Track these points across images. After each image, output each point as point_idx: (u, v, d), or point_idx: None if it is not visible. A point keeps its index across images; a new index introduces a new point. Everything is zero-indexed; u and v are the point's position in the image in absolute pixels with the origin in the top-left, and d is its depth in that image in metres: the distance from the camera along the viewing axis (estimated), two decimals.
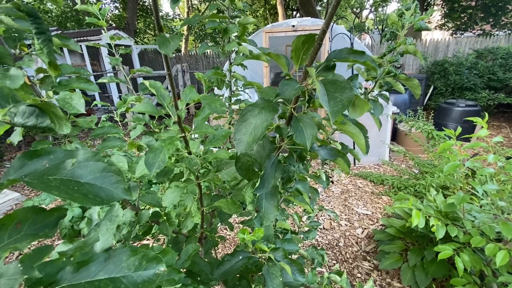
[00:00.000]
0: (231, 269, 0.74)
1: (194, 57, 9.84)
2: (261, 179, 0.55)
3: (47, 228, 0.35)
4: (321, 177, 0.99)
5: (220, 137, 0.75)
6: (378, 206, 2.94)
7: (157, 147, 0.53)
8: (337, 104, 0.32)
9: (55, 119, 0.35)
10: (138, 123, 1.15)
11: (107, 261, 0.36)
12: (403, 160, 4.04)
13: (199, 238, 1.04)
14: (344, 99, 0.32)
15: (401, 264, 1.97)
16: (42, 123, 0.34)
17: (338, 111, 0.32)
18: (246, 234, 0.69)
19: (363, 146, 0.50)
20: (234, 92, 1.13)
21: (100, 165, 0.33)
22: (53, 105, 0.34)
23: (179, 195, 0.76)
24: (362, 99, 0.43)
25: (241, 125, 0.45)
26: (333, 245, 2.39)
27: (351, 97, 0.33)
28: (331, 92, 0.34)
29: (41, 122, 0.34)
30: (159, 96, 0.61)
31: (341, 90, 0.34)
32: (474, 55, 5.93)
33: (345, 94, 0.33)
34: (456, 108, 4.53)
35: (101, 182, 0.33)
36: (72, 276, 0.35)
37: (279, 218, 0.81)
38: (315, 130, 0.46)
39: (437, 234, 1.39)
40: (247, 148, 0.44)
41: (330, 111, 0.32)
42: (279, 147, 0.61)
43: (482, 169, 1.46)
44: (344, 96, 0.33)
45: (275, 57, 0.48)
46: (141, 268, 0.37)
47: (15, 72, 0.49)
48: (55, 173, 0.31)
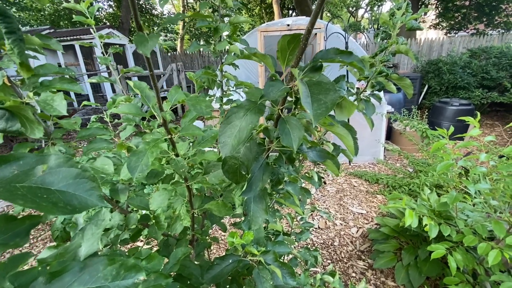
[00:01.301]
0: (221, 273, 0.73)
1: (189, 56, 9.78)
2: (249, 182, 0.54)
3: (18, 237, 0.33)
4: (313, 178, 0.98)
5: (209, 138, 0.74)
6: (373, 205, 2.95)
7: (140, 150, 0.52)
8: (321, 107, 0.31)
9: (26, 123, 0.33)
10: (128, 124, 1.13)
11: (82, 271, 0.35)
12: (398, 159, 4.06)
13: (190, 240, 1.03)
14: (328, 101, 0.31)
15: (395, 263, 1.97)
16: (12, 127, 0.32)
17: (322, 114, 0.30)
18: (236, 238, 0.67)
19: (351, 148, 0.49)
20: (226, 92, 1.11)
21: (73, 171, 0.32)
22: (23, 107, 0.32)
23: (167, 198, 0.74)
24: (349, 100, 0.42)
25: (226, 128, 0.44)
26: (328, 244, 2.39)
27: (335, 99, 0.31)
28: (315, 94, 0.32)
29: (11, 126, 0.32)
30: (143, 97, 0.59)
31: (325, 91, 0.32)
32: (468, 54, 5.99)
33: (330, 96, 0.32)
34: (450, 107, 4.57)
35: (74, 189, 0.31)
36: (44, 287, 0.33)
37: (270, 220, 0.80)
38: (301, 132, 0.44)
39: (430, 233, 1.39)
40: (232, 151, 0.43)
41: (313, 114, 0.30)
42: (267, 149, 0.60)
43: (475, 168, 1.46)
44: (328, 98, 0.32)
45: (261, 57, 0.47)
46: (119, 277, 0.36)
47: None
48: (23, 180, 0.29)
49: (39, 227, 2.81)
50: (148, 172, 0.94)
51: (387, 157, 4.08)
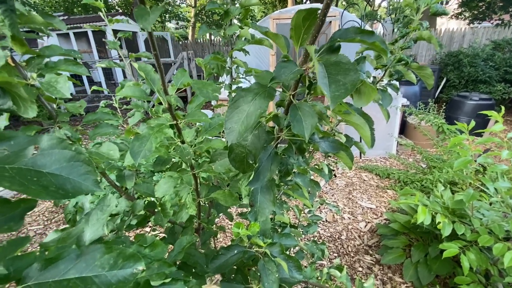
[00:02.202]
0: (226, 263, 0.72)
1: (200, 45, 9.71)
2: (256, 172, 0.51)
3: (12, 221, 0.32)
4: (323, 170, 0.95)
5: (216, 126, 0.71)
6: (382, 200, 2.89)
7: (143, 135, 0.49)
8: (339, 88, 0.27)
9: (19, 101, 0.31)
10: (136, 110, 1.11)
11: (78, 259, 0.33)
12: (411, 154, 3.95)
13: (196, 228, 1.02)
14: (347, 82, 0.28)
15: (404, 259, 1.93)
16: (3, 104, 0.30)
17: (340, 96, 0.27)
18: (241, 229, 0.65)
19: (368, 139, 0.45)
20: (235, 79, 1.08)
21: (67, 154, 0.30)
22: (15, 84, 0.30)
23: (172, 186, 0.73)
24: (369, 84, 0.38)
25: (233, 113, 0.41)
26: (335, 238, 2.36)
27: (355, 80, 0.28)
28: (333, 75, 0.29)
29: (2, 103, 0.30)
30: (148, 80, 0.56)
31: (344, 72, 0.29)
32: (491, 46, 5.68)
33: (350, 77, 0.28)
34: (469, 102, 4.37)
35: (67, 172, 0.29)
36: (39, 274, 0.32)
37: (277, 211, 0.78)
38: (315, 120, 0.41)
39: (443, 231, 1.34)
40: (239, 138, 0.40)
41: (330, 96, 0.27)
42: (277, 137, 0.57)
43: (494, 165, 1.39)
44: (348, 79, 0.28)
45: (273, 37, 0.43)
46: (117, 267, 0.34)
47: None
48: (14, 161, 0.27)
49: (53, 210, 2.90)
50: (155, 159, 0.93)
51: (399, 152, 3.97)
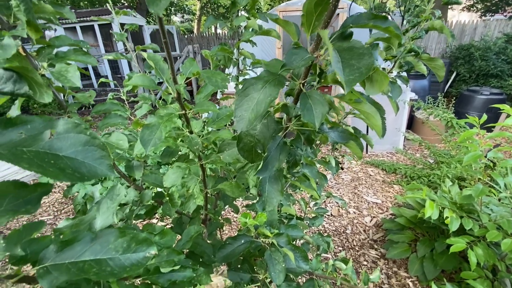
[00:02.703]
0: (233, 253, 0.73)
1: (206, 39, 9.66)
2: (264, 161, 0.51)
3: (30, 204, 0.32)
4: (330, 163, 0.95)
5: (224, 116, 0.71)
6: (388, 195, 2.87)
7: (153, 123, 0.50)
8: (354, 72, 0.27)
9: (35, 86, 0.31)
10: (144, 102, 1.12)
11: (93, 242, 0.34)
12: (418, 149, 3.90)
13: (203, 220, 1.03)
14: (362, 66, 0.27)
15: (409, 254, 1.93)
16: (20, 89, 0.31)
17: (354, 79, 0.26)
18: (249, 218, 0.66)
19: (379, 128, 0.45)
20: (242, 71, 1.07)
21: (82, 138, 0.30)
22: (31, 69, 0.30)
23: (181, 176, 0.73)
24: (382, 72, 0.37)
25: (242, 101, 0.41)
26: (340, 232, 2.37)
27: (370, 64, 0.27)
28: (346, 59, 0.28)
29: (19, 88, 0.31)
30: (157, 70, 0.56)
31: (358, 56, 0.28)
32: (504, 39, 5.51)
33: (364, 61, 0.28)
34: (480, 96, 4.27)
35: (83, 156, 0.29)
36: (56, 256, 0.33)
37: (284, 203, 0.78)
38: (325, 108, 0.41)
39: (451, 226, 1.33)
40: (248, 126, 0.40)
41: (344, 79, 0.27)
42: (285, 128, 0.57)
43: (505, 160, 1.36)
44: (362, 63, 0.27)
45: (283, 24, 0.42)
46: (130, 250, 0.35)
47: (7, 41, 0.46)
48: (31, 144, 0.28)
49: (62, 201, 2.96)
50: (162, 151, 0.94)
51: (406, 147, 3.92)
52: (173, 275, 0.58)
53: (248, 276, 0.75)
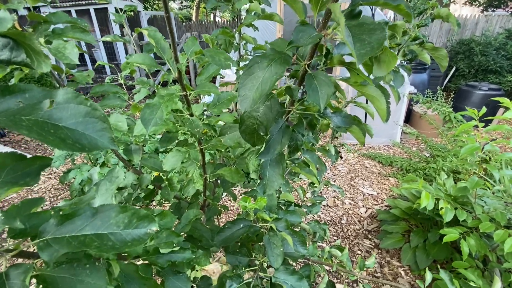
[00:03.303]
0: (232, 237, 0.73)
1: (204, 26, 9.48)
2: (267, 144, 0.50)
3: (29, 177, 0.32)
4: (329, 151, 0.95)
5: (225, 100, 0.70)
6: (384, 187, 2.90)
7: (154, 103, 0.49)
8: (365, 47, 0.26)
9: (32, 54, 0.30)
10: (142, 86, 1.10)
11: (94, 217, 0.34)
12: (415, 143, 3.92)
13: (202, 205, 1.03)
14: (373, 41, 0.26)
15: (403, 244, 1.97)
16: (17, 57, 0.29)
17: (366, 54, 0.26)
18: (248, 202, 0.66)
19: (383, 112, 0.44)
20: (243, 56, 1.05)
21: (83, 109, 0.29)
22: (28, 36, 0.29)
23: (180, 159, 0.73)
24: (390, 51, 0.37)
25: (247, 79, 0.40)
26: (335, 222, 2.40)
27: (381, 39, 0.26)
28: (357, 35, 0.28)
29: (16, 56, 0.29)
30: (158, 49, 0.55)
31: (369, 32, 0.27)
32: (505, 35, 5.48)
33: (375, 36, 0.27)
34: (478, 92, 4.28)
35: (83, 128, 0.29)
36: (56, 229, 0.32)
37: (283, 189, 0.78)
38: (331, 89, 0.40)
39: (445, 217, 1.35)
40: (253, 105, 0.39)
41: (356, 54, 0.26)
42: (288, 111, 0.56)
43: (502, 154, 1.38)
44: (373, 38, 0.27)
45: (289, 2, 0.41)
46: (131, 226, 0.34)
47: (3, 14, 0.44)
48: (29, 113, 0.27)
49: (59, 187, 2.95)
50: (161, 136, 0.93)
51: (403, 140, 3.94)
52: (173, 256, 0.59)
53: (246, 259, 0.76)
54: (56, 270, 0.35)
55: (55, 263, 0.35)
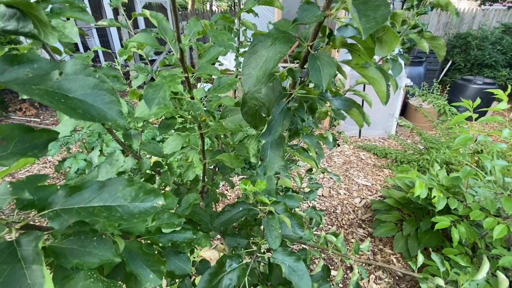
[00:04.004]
0: (231, 219, 0.74)
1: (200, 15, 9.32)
2: (268, 125, 0.51)
3: (37, 148, 0.32)
4: (327, 138, 0.96)
5: (226, 85, 0.70)
6: (378, 178, 2.95)
7: (157, 83, 0.49)
8: (370, 21, 0.27)
9: (39, 26, 0.30)
10: (140, 73, 1.09)
11: (101, 189, 0.34)
12: (410, 135, 3.97)
13: (201, 192, 1.05)
14: (378, 16, 0.27)
15: (395, 233, 2.02)
16: (24, 27, 0.29)
17: (371, 27, 0.26)
18: (248, 185, 0.67)
19: (383, 94, 0.45)
20: (242, 42, 1.05)
21: (91, 81, 0.29)
22: (35, 6, 0.29)
23: (180, 143, 0.73)
24: (392, 31, 0.37)
25: (251, 58, 0.40)
26: (330, 211, 2.44)
27: (386, 14, 0.27)
28: (362, 11, 0.28)
29: (23, 26, 0.29)
30: (160, 30, 0.55)
31: (374, 8, 0.28)
32: (501, 29, 5.51)
33: (380, 11, 0.27)
34: (473, 85, 4.32)
35: (92, 99, 0.29)
36: (64, 201, 0.33)
37: (282, 174, 0.80)
38: (333, 70, 0.41)
39: (438, 205, 1.39)
40: (256, 83, 0.40)
41: (362, 27, 0.26)
42: (289, 94, 0.57)
43: (494, 144, 1.41)
44: (378, 13, 0.27)
45: None
46: (138, 199, 0.35)
47: None
48: (39, 83, 0.27)
49: (54, 176, 2.93)
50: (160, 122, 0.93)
51: (398, 133, 3.99)
52: (174, 236, 0.60)
53: (245, 241, 0.78)
54: (64, 242, 0.36)
55: (62, 235, 0.36)
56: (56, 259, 0.34)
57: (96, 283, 0.33)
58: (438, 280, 0.68)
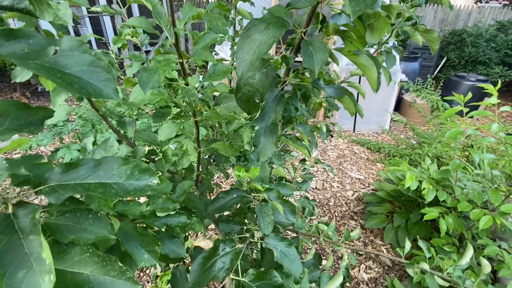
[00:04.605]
0: (225, 206, 0.76)
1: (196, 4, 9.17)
2: (262, 111, 0.52)
3: (32, 125, 0.33)
4: (321, 129, 0.97)
5: (221, 72, 0.70)
6: (371, 172, 3.00)
7: (151, 67, 0.49)
8: (359, 4, 0.28)
9: (34, 2, 0.30)
10: (135, 61, 1.09)
11: (97, 167, 0.35)
12: (403, 130, 4.03)
13: (195, 181, 1.06)
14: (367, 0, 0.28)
15: (386, 224, 2.07)
16: (20, 3, 0.29)
17: (360, 10, 0.27)
18: (242, 172, 0.68)
19: (374, 81, 0.46)
20: (238, 32, 1.05)
21: (87, 58, 0.30)
22: None
23: (175, 130, 0.74)
24: (383, 18, 0.38)
25: (244, 42, 0.41)
26: (323, 203, 2.48)
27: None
28: None
29: (19, 2, 0.29)
30: (155, 14, 0.55)
31: None
32: (496, 27, 5.56)
33: None
34: (466, 82, 4.38)
35: (88, 76, 0.30)
36: (60, 177, 0.34)
37: (276, 162, 0.81)
38: (325, 55, 0.42)
39: (427, 197, 1.43)
40: (250, 67, 0.40)
41: (352, 10, 0.27)
42: (283, 81, 0.57)
43: (483, 138, 1.44)
44: None
45: None
46: (133, 177, 0.36)
47: None
48: (35, 58, 0.27)
49: None
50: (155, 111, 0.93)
51: (392, 128, 4.04)
52: (169, 219, 0.61)
53: (238, 227, 0.79)
54: (60, 219, 0.36)
55: (58, 212, 0.37)
56: (52, 234, 0.34)
57: (92, 257, 0.34)
58: (423, 265, 0.71)
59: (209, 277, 0.61)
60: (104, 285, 0.34)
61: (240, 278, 0.62)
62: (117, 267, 0.35)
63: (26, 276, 0.25)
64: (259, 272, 0.60)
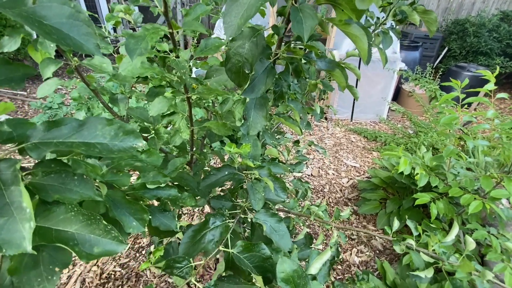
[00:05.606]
0: (216, 182, 0.76)
1: None
2: (251, 82, 0.52)
3: (13, 82, 0.32)
4: (315, 110, 0.97)
5: (213, 46, 0.69)
6: (367, 160, 3.02)
7: (139, 34, 0.48)
8: None
9: None
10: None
11: (81, 127, 0.35)
12: (401, 120, 4.03)
13: (189, 162, 1.06)
14: None
15: (379, 210, 2.10)
16: None
17: None
18: (233, 148, 0.68)
19: (365, 52, 0.46)
20: None
21: (66, 10, 0.29)
22: None
23: (166, 105, 0.73)
24: None
25: (232, 6, 0.40)
26: (318, 190, 2.51)
27: None
28: None
29: None
30: None
31: None
32: (499, 17, 5.48)
33: None
34: (466, 73, 4.35)
35: (67, 29, 0.29)
36: (43, 135, 0.33)
37: (268, 141, 0.81)
38: (315, 21, 0.41)
39: (420, 182, 1.45)
40: (237, 31, 0.40)
41: None
42: (274, 54, 0.57)
43: (478, 125, 1.45)
44: None
45: None
46: (117, 139, 0.36)
47: None
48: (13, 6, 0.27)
49: None
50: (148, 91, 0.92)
51: (390, 117, 4.04)
52: (159, 191, 0.62)
53: (230, 203, 0.80)
54: (45, 179, 0.37)
55: (43, 172, 0.37)
56: (37, 193, 0.35)
57: (77, 216, 0.35)
58: (409, 241, 0.72)
59: (199, 249, 0.63)
60: (89, 243, 0.35)
61: (230, 250, 0.64)
62: (102, 226, 0.36)
63: (6, 223, 0.26)
64: (247, 244, 0.61)
